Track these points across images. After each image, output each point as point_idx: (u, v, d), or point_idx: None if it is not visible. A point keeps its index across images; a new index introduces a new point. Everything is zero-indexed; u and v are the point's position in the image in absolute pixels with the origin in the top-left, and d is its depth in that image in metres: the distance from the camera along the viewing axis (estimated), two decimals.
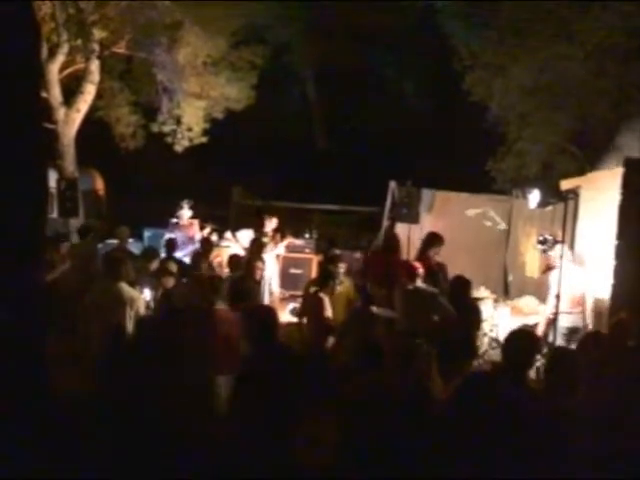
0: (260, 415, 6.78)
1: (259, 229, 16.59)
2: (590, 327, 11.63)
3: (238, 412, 7.04)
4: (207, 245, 14.39)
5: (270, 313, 7.65)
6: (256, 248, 13.78)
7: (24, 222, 5.94)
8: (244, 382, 7.10)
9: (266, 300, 14.48)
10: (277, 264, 16.76)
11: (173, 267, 11.91)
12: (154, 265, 12.97)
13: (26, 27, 5.98)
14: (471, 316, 10.49)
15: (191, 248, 15.57)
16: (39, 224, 6.30)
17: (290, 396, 6.91)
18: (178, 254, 14.81)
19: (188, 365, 7.67)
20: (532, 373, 8.06)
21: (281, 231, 17.04)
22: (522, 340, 6.42)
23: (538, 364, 8.49)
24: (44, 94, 17.86)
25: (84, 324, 10.05)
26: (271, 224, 16.50)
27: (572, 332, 11.26)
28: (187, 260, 14.03)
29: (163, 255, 13.55)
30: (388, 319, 10.45)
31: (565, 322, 11.24)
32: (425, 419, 6.72)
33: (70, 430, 6.65)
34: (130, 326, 9.37)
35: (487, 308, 12.71)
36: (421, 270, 11.18)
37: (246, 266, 12.10)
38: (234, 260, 12.80)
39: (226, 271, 13.19)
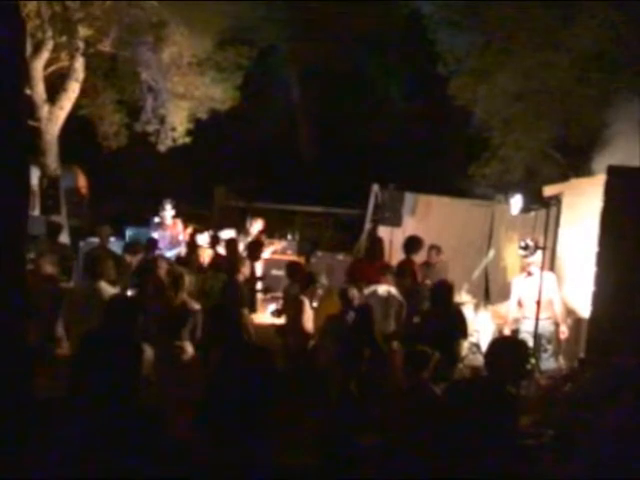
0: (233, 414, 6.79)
1: (242, 230, 16.57)
2: (565, 333, 11.72)
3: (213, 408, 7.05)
4: (193, 246, 14.42)
5: (234, 312, 7.67)
6: (232, 249, 13.80)
7: (5, 219, 5.93)
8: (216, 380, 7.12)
9: None
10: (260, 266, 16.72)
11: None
12: (138, 258, 12.95)
13: (11, 23, 5.96)
14: (454, 322, 10.52)
15: (178, 248, 15.60)
16: (20, 221, 6.29)
17: (262, 395, 6.92)
18: (167, 254, 14.82)
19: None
20: None
21: (268, 233, 17.00)
22: (507, 352, 6.38)
23: None
24: (28, 91, 17.77)
25: (63, 324, 10.04)
26: (257, 225, 16.46)
27: (537, 338, 11.32)
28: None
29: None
30: None
31: (530, 327, 11.30)
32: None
33: (47, 428, 6.63)
34: None
35: (468, 313, 12.73)
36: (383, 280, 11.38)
37: (230, 267, 12.07)
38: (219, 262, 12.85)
39: None
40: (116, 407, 6.81)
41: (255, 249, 13.61)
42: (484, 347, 11.06)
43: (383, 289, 11.07)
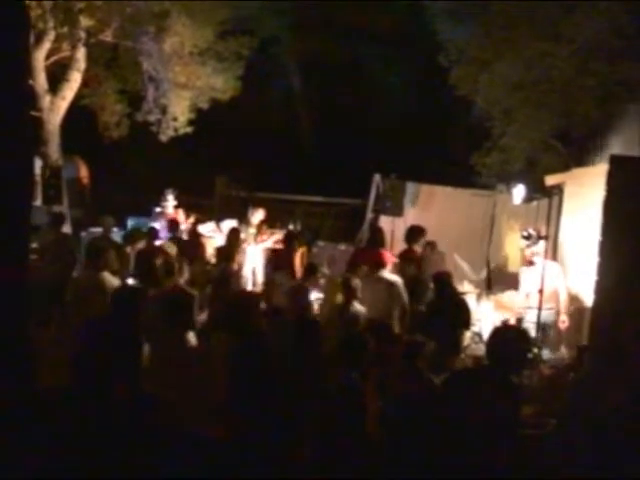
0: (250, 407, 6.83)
1: (244, 220, 16.54)
2: (565, 323, 11.73)
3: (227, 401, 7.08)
4: (195, 236, 14.41)
5: (252, 300, 7.67)
6: (234, 237, 13.79)
7: (9, 209, 5.95)
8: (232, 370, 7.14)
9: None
10: (262, 255, 16.68)
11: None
12: (140, 246, 12.94)
13: (14, 13, 5.97)
14: (458, 312, 10.56)
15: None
16: (24, 211, 6.31)
17: (273, 387, 6.94)
18: None
19: None
20: None
21: (269, 223, 16.94)
22: (509, 340, 6.34)
23: None
24: (30, 81, 17.77)
25: (66, 314, 10.04)
26: (258, 215, 16.40)
27: (542, 328, 11.33)
28: None
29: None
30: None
31: (534, 317, 11.31)
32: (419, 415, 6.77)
33: (49, 420, 6.65)
34: None
35: (470, 303, 12.75)
36: (390, 260, 11.37)
37: (227, 254, 12.13)
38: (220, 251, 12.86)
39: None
40: (116, 398, 6.84)
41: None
42: (486, 336, 11.08)
43: (390, 279, 11.05)
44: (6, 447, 5.98)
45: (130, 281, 11.64)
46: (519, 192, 12.90)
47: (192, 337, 9.25)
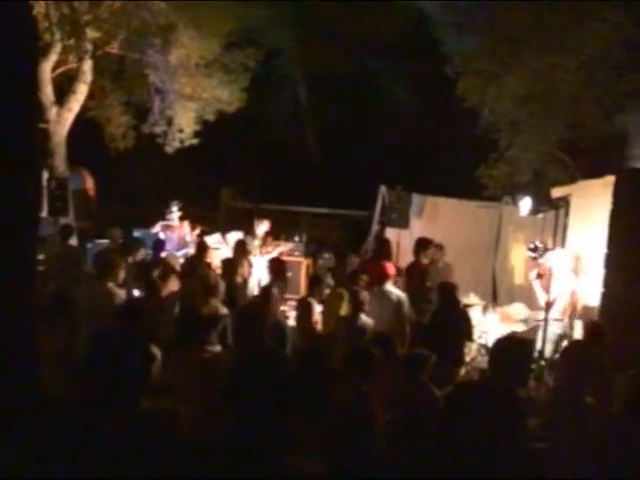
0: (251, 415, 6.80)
1: (249, 231, 16.53)
2: (576, 335, 11.70)
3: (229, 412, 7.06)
4: (203, 248, 14.39)
5: (260, 311, 7.67)
6: (240, 249, 13.76)
7: (17, 220, 5.96)
8: (233, 383, 7.12)
9: None
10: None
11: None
12: (139, 256, 12.94)
13: (23, 26, 5.99)
14: (460, 324, 10.54)
15: (186, 250, 15.60)
16: (32, 223, 6.33)
17: (278, 397, 6.93)
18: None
19: None
20: None
21: (274, 235, 16.92)
22: (511, 350, 6.31)
23: None
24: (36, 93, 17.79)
25: (72, 325, 10.03)
26: (263, 226, 16.39)
27: (561, 339, 11.32)
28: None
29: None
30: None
31: (556, 329, 11.29)
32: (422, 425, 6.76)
33: (54, 431, 6.64)
34: None
35: (476, 314, 12.73)
36: (392, 272, 11.35)
37: (231, 267, 12.13)
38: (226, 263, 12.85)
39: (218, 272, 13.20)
40: (122, 410, 6.82)
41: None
42: None
43: (398, 296, 11.04)
44: (9, 453, 5.98)
45: (135, 292, 11.65)
46: (525, 204, 12.89)
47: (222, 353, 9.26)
